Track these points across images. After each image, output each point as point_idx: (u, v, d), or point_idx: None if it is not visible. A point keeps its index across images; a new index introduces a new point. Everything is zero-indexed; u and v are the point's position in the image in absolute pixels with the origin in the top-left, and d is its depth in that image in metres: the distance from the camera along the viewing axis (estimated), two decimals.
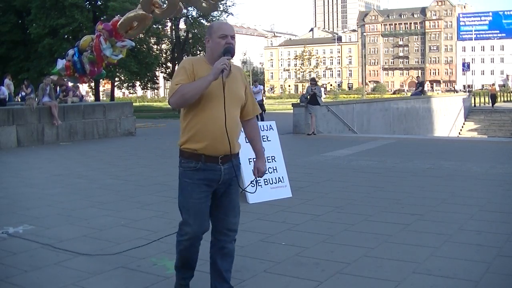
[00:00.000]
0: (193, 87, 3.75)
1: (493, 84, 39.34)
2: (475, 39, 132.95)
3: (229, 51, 3.86)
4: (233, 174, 4.00)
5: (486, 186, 9.21)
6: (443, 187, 9.07)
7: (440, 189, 8.92)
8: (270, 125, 9.12)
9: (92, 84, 46.02)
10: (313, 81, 20.67)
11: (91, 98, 46.94)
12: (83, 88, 51.35)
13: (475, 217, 6.91)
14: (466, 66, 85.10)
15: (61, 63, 18.19)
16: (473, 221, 6.72)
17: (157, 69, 51.06)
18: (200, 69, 3.85)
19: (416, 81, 40.73)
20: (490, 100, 39.54)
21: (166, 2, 15.22)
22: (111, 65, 19.95)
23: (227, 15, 45.73)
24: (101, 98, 52.83)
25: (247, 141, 4.36)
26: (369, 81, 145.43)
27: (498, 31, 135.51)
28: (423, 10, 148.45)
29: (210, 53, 3.96)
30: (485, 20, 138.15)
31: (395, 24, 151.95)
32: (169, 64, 50.68)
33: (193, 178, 3.90)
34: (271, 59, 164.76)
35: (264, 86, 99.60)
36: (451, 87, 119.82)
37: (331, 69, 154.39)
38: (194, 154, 3.89)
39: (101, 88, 55.06)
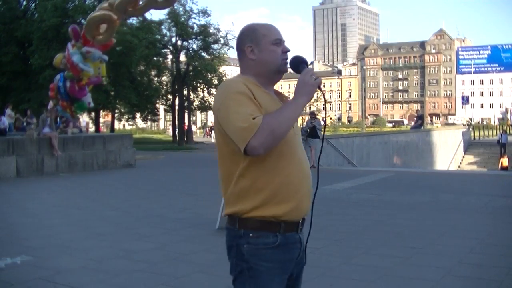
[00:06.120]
0: (285, 117, 2.45)
1: (505, 154, 35.53)
2: (474, 73, 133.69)
3: (305, 61, 2.68)
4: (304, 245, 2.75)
5: (486, 219, 9.19)
6: (442, 220, 9.04)
7: (439, 222, 8.90)
8: None
9: (93, 114, 46.29)
10: (313, 115, 20.74)
11: (91, 129, 46.95)
12: (84, 119, 51.49)
13: (475, 250, 6.88)
14: (465, 100, 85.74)
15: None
16: (473, 255, 6.69)
17: (158, 101, 51.23)
18: (259, 96, 2.54)
19: (416, 115, 40.89)
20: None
21: None
22: (91, 84, 19.51)
23: (228, 48, 45.78)
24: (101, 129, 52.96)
25: None
26: (369, 114, 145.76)
27: (497, 65, 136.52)
28: (422, 44, 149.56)
29: (258, 69, 2.65)
30: (484, 54, 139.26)
31: (395, 57, 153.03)
32: (169, 96, 50.84)
33: (274, 260, 2.57)
34: None
35: None
36: (449, 120, 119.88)
37: (331, 102, 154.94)
38: (271, 223, 2.57)
39: (101, 120, 55.19)
